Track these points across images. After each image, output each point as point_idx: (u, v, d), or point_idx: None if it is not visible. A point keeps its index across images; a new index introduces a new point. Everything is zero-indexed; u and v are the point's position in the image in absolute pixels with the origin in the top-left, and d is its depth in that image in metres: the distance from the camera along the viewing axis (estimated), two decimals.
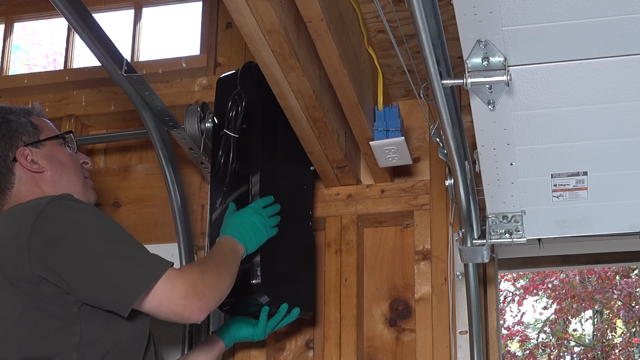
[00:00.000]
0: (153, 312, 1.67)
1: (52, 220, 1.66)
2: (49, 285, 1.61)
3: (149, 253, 1.69)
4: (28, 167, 1.85)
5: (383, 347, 2.42)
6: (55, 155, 1.90)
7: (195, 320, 1.68)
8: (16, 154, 1.85)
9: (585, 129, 1.69)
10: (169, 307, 1.64)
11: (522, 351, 9.85)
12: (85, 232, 1.65)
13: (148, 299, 1.64)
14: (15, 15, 3.00)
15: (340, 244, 2.45)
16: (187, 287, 1.66)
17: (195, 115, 2.40)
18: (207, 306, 1.69)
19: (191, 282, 1.67)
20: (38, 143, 1.89)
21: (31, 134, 1.89)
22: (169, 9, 3.02)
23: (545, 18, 1.41)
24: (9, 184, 1.84)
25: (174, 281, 1.65)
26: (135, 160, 2.72)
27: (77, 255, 1.63)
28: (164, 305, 1.64)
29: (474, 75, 1.48)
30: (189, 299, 1.65)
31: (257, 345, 2.40)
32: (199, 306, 1.67)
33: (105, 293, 1.63)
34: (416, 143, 2.54)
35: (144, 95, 2.20)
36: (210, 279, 1.74)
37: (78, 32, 1.97)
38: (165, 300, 1.64)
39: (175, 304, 1.64)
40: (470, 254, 1.98)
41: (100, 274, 1.62)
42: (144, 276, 1.63)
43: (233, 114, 2.20)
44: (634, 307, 9.23)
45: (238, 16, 1.70)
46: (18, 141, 1.87)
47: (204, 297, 1.68)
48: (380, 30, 2.28)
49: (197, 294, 1.67)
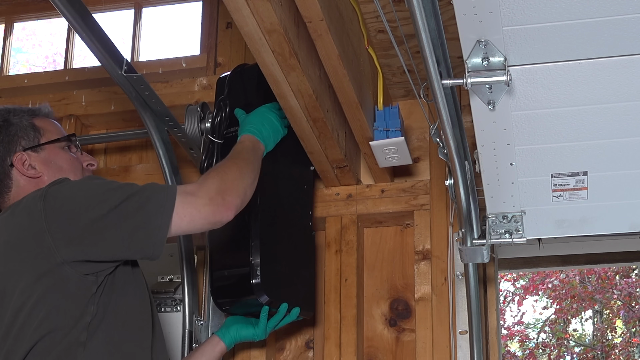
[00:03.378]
0: (185, 229, 1.72)
1: (60, 195, 1.68)
2: (70, 267, 1.63)
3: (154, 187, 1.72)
4: (25, 172, 1.84)
5: (383, 347, 2.42)
6: (54, 160, 1.88)
7: (227, 219, 1.75)
8: (13, 160, 1.84)
9: (585, 129, 1.69)
10: (198, 216, 1.71)
11: (522, 351, 9.85)
12: (94, 196, 1.68)
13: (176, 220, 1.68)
14: (15, 16, 3.00)
15: (340, 244, 2.45)
16: (209, 190, 1.74)
17: (195, 115, 2.40)
18: (233, 204, 1.77)
19: (211, 185, 1.75)
20: (37, 147, 1.87)
21: (31, 138, 1.88)
22: (169, 9, 3.02)
23: (545, 18, 1.41)
24: (7, 188, 1.84)
25: (194, 193, 1.72)
26: (135, 160, 2.72)
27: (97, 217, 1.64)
28: (192, 217, 1.70)
29: (474, 75, 1.48)
30: (213, 201, 1.73)
31: (257, 345, 2.40)
32: (225, 205, 1.75)
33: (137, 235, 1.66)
34: (416, 143, 2.54)
35: (144, 95, 2.20)
36: (231, 176, 1.81)
37: (78, 32, 1.97)
38: (192, 211, 1.70)
39: (203, 210, 1.71)
40: (470, 254, 1.98)
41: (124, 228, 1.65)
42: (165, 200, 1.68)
43: (218, 120, 2.21)
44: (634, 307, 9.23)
45: (238, 16, 1.70)
46: (16, 146, 1.86)
47: (228, 194, 1.76)
48: (380, 30, 2.28)
49: (220, 194, 1.74)
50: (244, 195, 1.83)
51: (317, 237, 2.48)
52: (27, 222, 1.67)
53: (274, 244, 2.09)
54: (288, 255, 2.21)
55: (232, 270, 2.11)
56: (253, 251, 2.05)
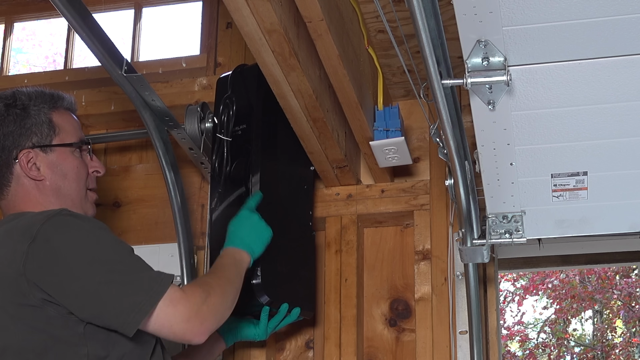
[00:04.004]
0: (155, 333, 1.64)
1: (49, 243, 1.60)
2: (53, 307, 1.58)
3: (149, 272, 1.65)
4: (27, 171, 1.77)
5: (383, 347, 2.41)
6: (61, 165, 1.80)
7: (196, 342, 1.66)
8: (19, 154, 1.77)
9: (585, 129, 1.69)
10: (170, 329, 1.62)
11: (522, 351, 9.85)
12: (83, 255, 1.60)
13: (150, 322, 1.61)
14: (15, 16, 3.00)
15: (340, 244, 2.45)
16: (190, 310, 1.63)
17: (195, 115, 2.40)
18: (208, 329, 1.67)
19: (193, 306, 1.64)
20: (47, 148, 1.79)
21: (44, 135, 1.79)
22: (169, 9, 3.02)
23: (545, 18, 1.41)
24: (6, 181, 1.77)
25: (177, 304, 1.62)
26: (135, 160, 2.72)
27: (76, 281, 1.58)
28: (165, 328, 1.62)
29: (474, 75, 1.48)
30: (190, 322, 1.63)
31: (257, 345, 2.40)
32: (201, 330, 1.65)
33: (108, 317, 1.59)
34: (416, 143, 2.54)
35: (144, 95, 2.20)
36: (213, 300, 1.70)
37: (78, 32, 1.97)
38: (167, 324, 1.62)
39: (177, 327, 1.62)
40: (470, 254, 1.98)
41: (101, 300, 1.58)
42: (145, 300, 1.59)
43: (225, 118, 2.21)
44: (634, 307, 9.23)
45: (238, 16, 1.70)
46: (27, 141, 1.77)
47: (206, 320, 1.66)
48: (380, 30, 2.27)
49: (198, 317, 1.64)
50: (221, 319, 1.73)
51: (317, 237, 2.48)
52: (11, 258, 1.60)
53: (274, 243, 2.09)
54: (288, 256, 2.21)
55: None
56: None
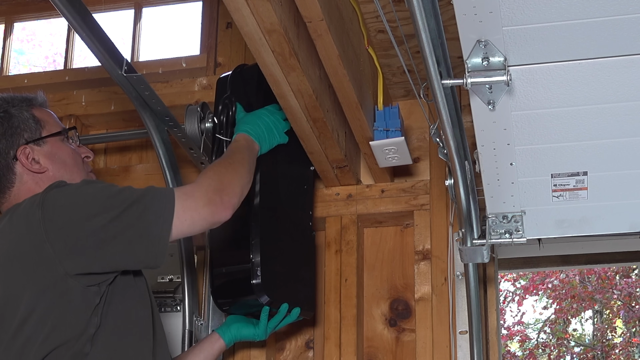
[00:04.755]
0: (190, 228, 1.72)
1: (58, 202, 1.63)
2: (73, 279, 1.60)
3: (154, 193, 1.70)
4: (29, 166, 1.79)
5: (383, 347, 2.42)
6: (57, 154, 1.84)
7: (225, 219, 1.76)
8: (17, 153, 1.78)
9: (585, 129, 1.69)
10: (199, 216, 1.71)
11: (522, 351, 9.85)
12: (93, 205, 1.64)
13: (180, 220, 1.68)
14: (15, 16, 3.00)
15: (340, 244, 2.45)
16: (206, 192, 1.74)
17: (195, 115, 2.40)
18: (231, 202, 1.78)
19: (208, 187, 1.75)
20: (40, 140, 1.82)
21: (33, 130, 1.82)
22: (169, 9, 3.02)
23: (545, 18, 1.41)
24: (10, 183, 1.79)
25: (193, 194, 1.72)
26: (135, 160, 2.72)
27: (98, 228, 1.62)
28: (195, 217, 1.70)
29: (474, 75, 1.48)
30: (212, 202, 1.73)
31: (257, 345, 2.40)
32: (224, 205, 1.75)
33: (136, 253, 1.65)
34: (416, 143, 2.54)
35: (144, 95, 2.20)
36: (228, 176, 1.82)
37: (78, 32, 1.97)
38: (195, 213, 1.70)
39: (203, 211, 1.71)
40: (470, 254, 1.98)
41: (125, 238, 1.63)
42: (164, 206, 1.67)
43: (224, 118, 2.21)
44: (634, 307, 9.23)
45: (238, 16, 1.70)
46: (19, 138, 1.80)
47: (226, 195, 1.76)
48: (380, 30, 2.28)
49: (217, 195, 1.75)
50: (241, 195, 1.84)
51: (317, 237, 2.48)
52: (25, 231, 1.63)
53: (274, 244, 2.09)
54: (288, 256, 2.21)
55: (232, 269, 2.11)
56: (253, 250, 2.05)
